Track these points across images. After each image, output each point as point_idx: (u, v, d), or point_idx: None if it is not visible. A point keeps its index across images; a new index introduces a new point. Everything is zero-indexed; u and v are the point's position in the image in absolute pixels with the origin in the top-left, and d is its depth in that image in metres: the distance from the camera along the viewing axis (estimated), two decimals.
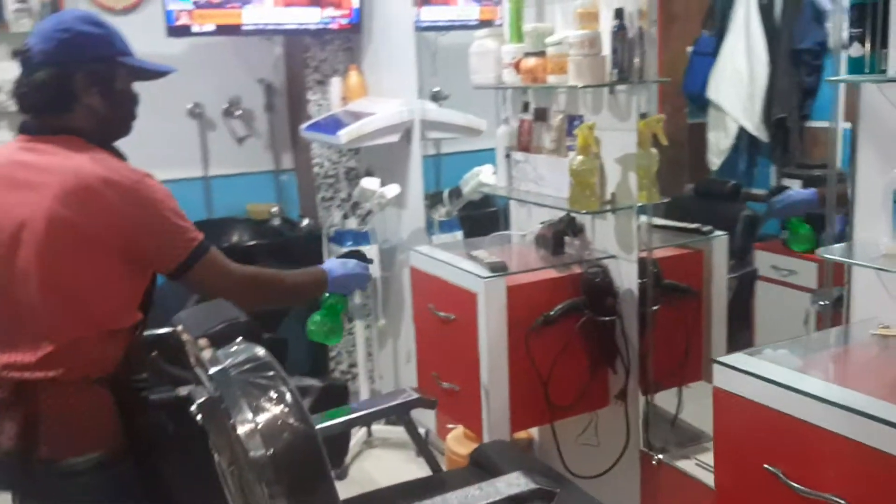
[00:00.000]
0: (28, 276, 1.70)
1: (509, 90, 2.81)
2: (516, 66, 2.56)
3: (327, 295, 2.19)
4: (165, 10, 3.24)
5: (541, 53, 2.47)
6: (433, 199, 3.53)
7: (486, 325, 2.33)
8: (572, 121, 2.53)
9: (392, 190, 3.27)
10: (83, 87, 1.79)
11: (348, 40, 3.81)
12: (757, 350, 1.70)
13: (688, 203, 2.86)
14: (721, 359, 1.64)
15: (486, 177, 3.24)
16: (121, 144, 3.42)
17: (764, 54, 2.65)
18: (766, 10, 2.66)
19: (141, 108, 3.72)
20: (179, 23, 3.28)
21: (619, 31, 2.30)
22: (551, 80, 2.43)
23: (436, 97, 3.54)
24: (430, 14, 3.47)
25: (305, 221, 3.72)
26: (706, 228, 2.62)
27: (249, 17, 3.36)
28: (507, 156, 2.76)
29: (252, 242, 3.72)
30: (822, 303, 2.05)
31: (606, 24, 2.33)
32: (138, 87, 2.01)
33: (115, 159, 1.83)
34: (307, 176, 3.92)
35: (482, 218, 3.60)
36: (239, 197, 3.96)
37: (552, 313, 2.39)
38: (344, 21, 3.53)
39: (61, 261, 1.70)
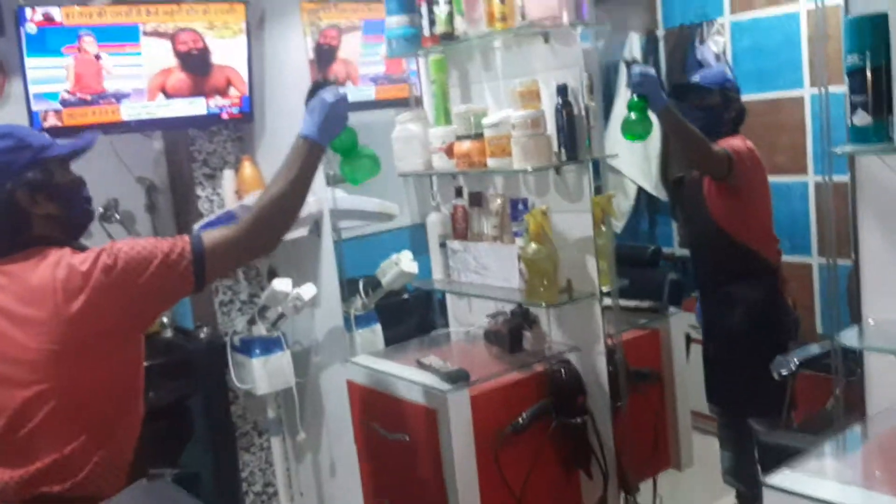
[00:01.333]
0: None
1: (434, 175, 2.56)
2: (448, 150, 2.32)
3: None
4: (31, 113, 2.81)
5: (477, 136, 2.23)
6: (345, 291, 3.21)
7: (452, 443, 2.03)
8: (515, 204, 2.29)
9: (308, 291, 2.92)
10: (28, 201, 1.69)
11: (238, 130, 3.46)
12: (798, 463, 1.47)
13: None
14: (771, 482, 1.40)
15: (407, 265, 2.95)
16: None
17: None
18: None
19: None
20: (47, 124, 2.84)
21: (564, 109, 2.09)
22: (492, 163, 2.19)
23: (334, 181, 3.25)
24: None
25: (204, 331, 3.29)
26: (655, 305, 2.43)
27: (129, 112, 2.97)
28: (442, 245, 2.49)
29: (145, 364, 3.24)
30: None
31: (547, 103, 2.13)
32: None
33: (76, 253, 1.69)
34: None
35: (393, 307, 3.31)
36: None
37: (520, 421, 2.12)
38: (234, 110, 3.19)
39: None
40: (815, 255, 3.87)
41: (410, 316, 3.52)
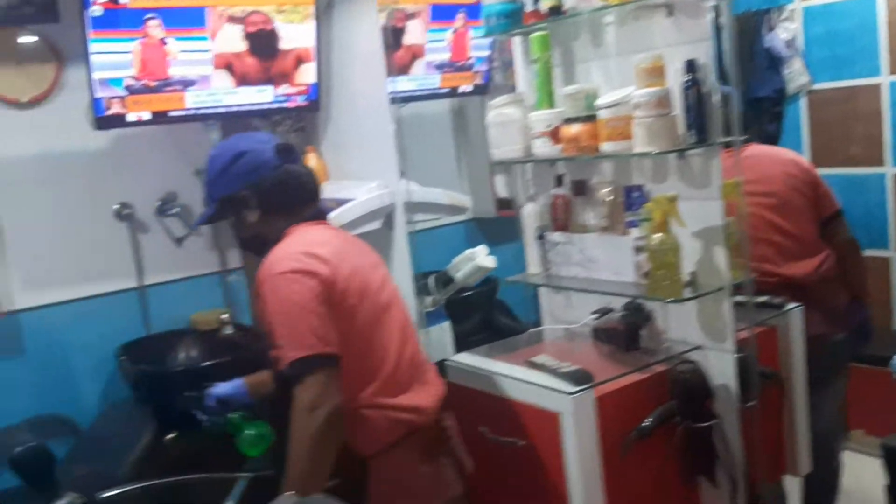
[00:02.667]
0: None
1: (529, 163, 2.36)
2: (553, 134, 2.11)
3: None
4: (93, 99, 2.60)
5: (588, 118, 2.03)
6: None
7: (576, 449, 1.82)
8: (629, 192, 2.09)
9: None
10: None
11: (300, 120, 3.26)
12: None
13: None
14: None
15: (483, 259, 2.75)
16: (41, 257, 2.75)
17: None
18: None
19: (59, 213, 3.05)
20: (111, 112, 2.64)
21: (693, 87, 1.89)
22: (607, 148, 1.98)
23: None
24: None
25: None
26: (777, 301, 2.22)
27: (193, 100, 2.77)
28: (540, 237, 2.29)
29: (208, 363, 3.03)
30: None
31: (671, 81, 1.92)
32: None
33: None
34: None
35: (453, 303, 3.11)
36: (181, 306, 3.28)
37: (645, 425, 1.91)
38: (301, 99, 2.99)
39: None
40: (894, 248, 3.66)
41: (473, 313, 3.31)
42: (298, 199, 1.82)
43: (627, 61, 2.02)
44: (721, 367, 2.00)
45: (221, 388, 1.98)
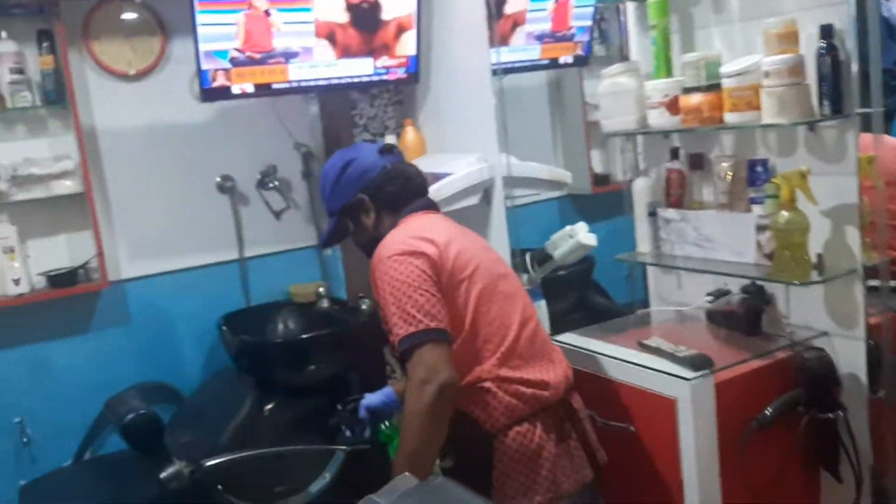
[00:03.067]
0: None
1: (639, 136, 2.24)
2: (670, 105, 1.99)
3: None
4: (199, 71, 2.60)
5: (710, 88, 1.89)
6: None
7: (693, 437, 1.72)
8: (752, 166, 1.95)
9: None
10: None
11: (399, 93, 3.20)
12: None
13: None
14: None
15: (584, 237, 2.64)
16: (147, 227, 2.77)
17: None
18: None
19: (164, 185, 3.08)
20: (216, 84, 2.63)
21: (829, 53, 1.74)
22: (731, 119, 1.85)
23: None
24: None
25: (366, 302, 3.05)
26: None
27: (296, 73, 2.74)
28: (652, 213, 2.17)
29: (307, 335, 3.03)
30: None
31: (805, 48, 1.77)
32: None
33: None
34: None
35: (548, 282, 3.02)
36: (279, 278, 3.29)
37: (767, 414, 1.79)
38: (400, 71, 2.93)
39: None
40: None
41: (568, 292, 3.21)
42: (407, 193, 1.87)
43: (752, 27, 1.88)
44: (849, 355, 1.85)
45: (372, 398, 1.97)
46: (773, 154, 1.93)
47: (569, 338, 2.08)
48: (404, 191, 1.86)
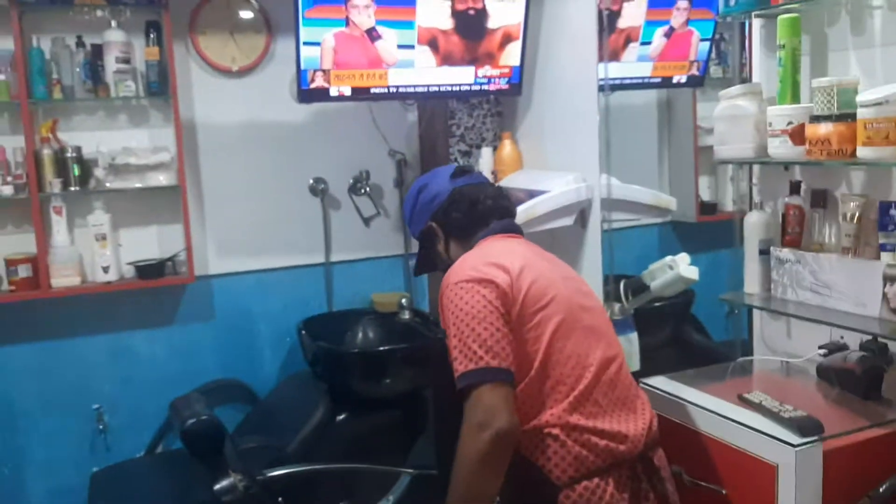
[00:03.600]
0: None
1: (755, 165, 2.02)
2: (795, 134, 1.77)
3: None
4: (299, 71, 2.53)
5: (842, 117, 1.67)
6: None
7: None
8: (885, 209, 1.71)
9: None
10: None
11: (497, 104, 3.07)
12: None
13: None
14: None
15: (686, 270, 2.42)
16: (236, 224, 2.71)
17: None
18: None
19: (257, 183, 3.03)
20: (314, 85, 2.56)
21: None
22: (865, 153, 1.61)
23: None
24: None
25: None
26: None
27: (396, 78, 2.63)
28: (764, 252, 1.96)
29: (384, 347, 2.91)
30: None
31: None
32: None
33: None
34: None
35: (648, 313, 2.79)
36: (363, 285, 3.20)
37: (881, 490, 1.55)
38: (503, 82, 2.79)
39: None
40: None
41: (663, 326, 2.99)
42: (476, 218, 1.73)
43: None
44: None
45: None
46: None
47: (659, 382, 1.88)
48: (471, 215, 1.72)
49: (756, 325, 2.10)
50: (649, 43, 2.84)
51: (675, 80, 3.09)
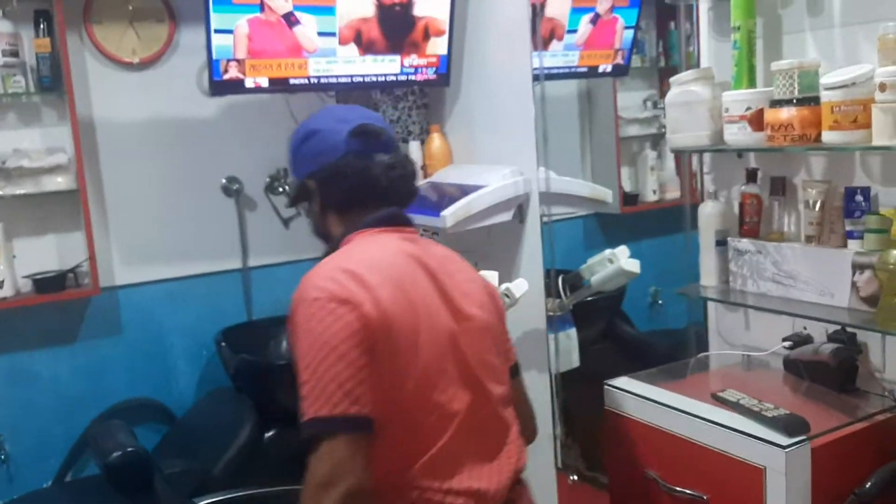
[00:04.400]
0: None
1: (707, 153, 1.93)
2: (753, 119, 1.68)
3: None
4: (211, 61, 2.28)
5: (803, 101, 1.59)
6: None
7: None
8: (851, 195, 1.64)
9: (520, 287, 2.31)
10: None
11: (424, 96, 2.89)
12: None
13: None
14: None
15: (627, 263, 2.33)
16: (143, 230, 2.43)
17: None
18: None
19: (164, 183, 2.75)
20: (227, 76, 2.31)
21: None
22: (830, 138, 1.54)
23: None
24: None
25: None
26: None
27: (315, 68, 2.42)
28: (720, 243, 1.87)
29: None
30: None
31: None
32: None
33: None
34: None
35: (580, 308, 2.71)
36: (284, 291, 2.96)
37: (868, 487, 1.48)
38: (430, 71, 2.62)
39: None
40: None
41: (596, 320, 2.91)
42: (361, 198, 1.39)
43: (856, 33, 1.57)
44: None
45: None
46: (878, 182, 1.63)
47: (623, 382, 1.76)
48: (357, 194, 1.39)
49: (711, 318, 2.01)
50: (575, 31, 2.74)
51: (600, 70, 3.00)
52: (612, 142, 3.07)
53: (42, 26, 2.40)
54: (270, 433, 2.52)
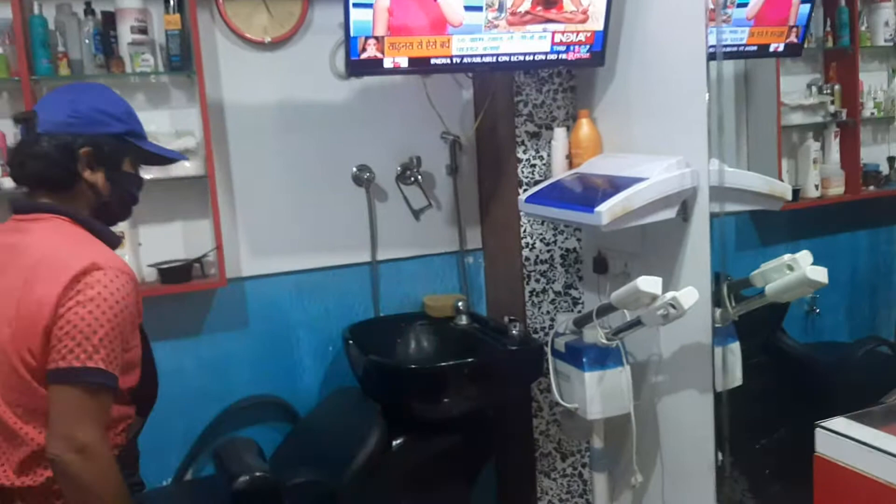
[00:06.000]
0: None
1: None
2: None
3: None
4: (349, 39, 2.03)
5: None
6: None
7: None
8: None
9: (689, 297, 1.97)
10: (88, 165, 1.45)
11: (571, 78, 2.57)
12: None
13: None
14: None
15: (812, 271, 1.96)
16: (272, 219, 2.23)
17: None
18: None
19: (293, 172, 2.53)
20: (365, 55, 2.07)
21: None
22: None
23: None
24: None
25: (517, 326, 2.43)
26: None
27: (459, 46, 2.14)
28: None
29: (449, 363, 2.38)
30: None
31: None
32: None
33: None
34: (508, 260, 2.66)
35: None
36: (413, 286, 2.73)
37: None
38: (583, 51, 2.30)
39: None
40: None
41: (756, 332, 2.52)
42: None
43: None
44: None
45: None
46: None
47: (840, 425, 1.40)
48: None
49: None
50: (745, 4, 2.36)
51: (771, 49, 2.60)
52: (772, 131, 2.67)
53: (172, 2, 2.22)
54: (398, 441, 2.28)
